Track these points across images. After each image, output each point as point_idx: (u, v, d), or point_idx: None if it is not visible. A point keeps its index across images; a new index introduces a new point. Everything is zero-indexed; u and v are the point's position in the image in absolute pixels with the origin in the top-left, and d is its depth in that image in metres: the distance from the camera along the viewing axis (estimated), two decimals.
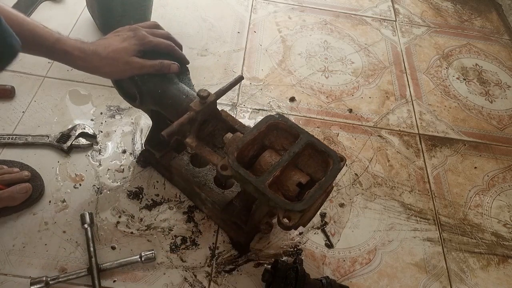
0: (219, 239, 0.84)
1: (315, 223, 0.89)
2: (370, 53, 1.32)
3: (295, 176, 0.62)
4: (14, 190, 0.79)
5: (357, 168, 1.01)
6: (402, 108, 1.18)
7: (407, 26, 1.44)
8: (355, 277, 0.83)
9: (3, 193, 0.78)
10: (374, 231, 0.90)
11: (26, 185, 0.81)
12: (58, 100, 1.03)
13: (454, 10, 1.56)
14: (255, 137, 0.65)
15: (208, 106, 0.67)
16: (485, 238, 0.93)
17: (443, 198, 0.98)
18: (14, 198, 0.79)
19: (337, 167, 0.62)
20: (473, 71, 1.32)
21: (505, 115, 1.21)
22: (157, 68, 0.72)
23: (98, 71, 0.71)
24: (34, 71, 1.08)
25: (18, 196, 0.80)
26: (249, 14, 1.37)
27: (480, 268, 0.88)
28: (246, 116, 1.07)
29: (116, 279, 0.76)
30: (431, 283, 0.84)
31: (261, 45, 1.28)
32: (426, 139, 1.11)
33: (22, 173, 0.83)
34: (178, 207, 0.87)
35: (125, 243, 0.81)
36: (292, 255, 0.84)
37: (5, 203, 0.79)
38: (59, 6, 1.26)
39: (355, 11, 1.47)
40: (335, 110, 1.14)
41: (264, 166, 0.63)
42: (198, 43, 1.24)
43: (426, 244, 0.90)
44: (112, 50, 0.69)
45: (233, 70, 1.18)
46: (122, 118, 1.01)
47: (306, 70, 1.23)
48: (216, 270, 0.80)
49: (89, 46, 0.69)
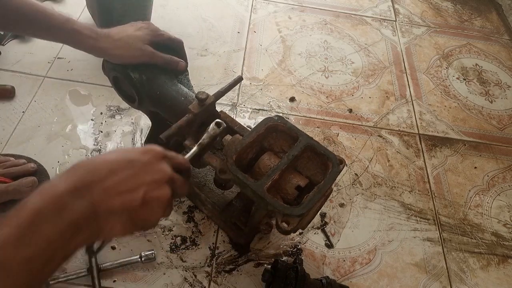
0: (219, 239, 0.84)
1: (315, 223, 0.89)
2: (370, 53, 1.32)
3: (294, 179, 0.62)
4: (20, 183, 0.79)
5: (357, 168, 1.01)
6: (402, 108, 1.17)
7: (407, 26, 1.44)
8: (355, 277, 0.83)
9: (10, 186, 0.78)
10: (374, 231, 0.90)
11: (32, 179, 0.81)
12: (58, 100, 1.03)
13: (454, 10, 1.56)
14: (254, 139, 0.65)
15: (206, 108, 0.67)
16: (485, 238, 0.93)
17: (443, 198, 0.98)
18: (20, 191, 0.79)
19: (336, 170, 0.62)
20: (473, 71, 1.32)
21: (505, 115, 1.21)
22: (167, 61, 0.73)
23: (108, 53, 0.70)
24: (34, 71, 1.08)
25: (24, 190, 0.79)
26: (249, 14, 1.37)
27: (480, 268, 0.88)
28: (246, 116, 1.07)
29: (116, 279, 0.76)
30: (431, 283, 0.84)
31: (261, 45, 1.28)
32: (426, 139, 1.11)
33: (28, 165, 0.83)
34: (178, 207, 0.87)
35: (125, 243, 0.81)
36: (292, 255, 0.84)
37: (11, 196, 0.79)
38: (59, 6, 1.26)
39: (355, 11, 1.47)
40: (335, 110, 1.14)
41: (263, 169, 0.63)
42: (198, 43, 1.24)
43: (426, 244, 0.90)
44: (126, 35, 0.70)
45: (233, 70, 1.18)
46: (122, 118, 1.01)
47: (306, 70, 1.23)
48: (216, 270, 0.80)
49: (101, 29, 0.70)
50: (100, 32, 0.69)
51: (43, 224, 0.33)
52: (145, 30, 0.72)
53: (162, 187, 0.42)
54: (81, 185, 0.37)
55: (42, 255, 0.33)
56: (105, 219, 0.38)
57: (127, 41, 0.69)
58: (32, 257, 0.32)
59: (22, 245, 0.32)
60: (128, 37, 0.70)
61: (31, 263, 0.32)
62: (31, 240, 0.32)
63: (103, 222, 0.38)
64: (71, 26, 0.67)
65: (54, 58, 1.12)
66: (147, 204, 0.40)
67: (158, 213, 0.42)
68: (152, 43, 0.72)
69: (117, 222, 0.39)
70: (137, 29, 0.72)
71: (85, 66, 1.11)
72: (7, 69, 1.07)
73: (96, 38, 0.68)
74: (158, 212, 0.42)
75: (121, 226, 0.39)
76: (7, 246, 0.32)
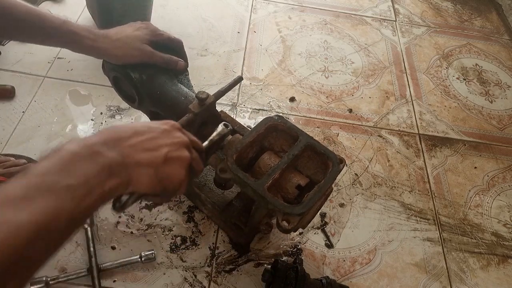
0: (219, 239, 0.84)
1: (315, 223, 0.89)
2: (370, 53, 1.32)
3: (295, 178, 0.62)
4: None
5: (357, 168, 1.01)
6: (402, 108, 1.18)
7: (407, 26, 1.44)
8: (355, 277, 0.83)
9: None
10: (374, 231, 0.90)
11: None
12: (58, 100, 1.03)
13: (454, 10, 1.56)
14: (254, 139, 0.65)
15: (207, 107, 0.67)
16: (485, 238, 0.93)
17: (443, 198, 0.98)
18: None
19: (337, 169, 0.62)
20: (473, 71, 1.32)
21: (505, 115, 1.21)
22: (166, 60, 0.73)
23: (107, 53, 0.70)
24: (34, 71, 1.08)
25: None
26: (249, 14, 1.37)
27: (480, 268, 0.88)
28: (246, 116, 1.08)
29: (116, 279, 0.76)
30: (431, 283, 0.84)
31: (261, 45, 1.28)
32: (426, 139, 1.11)
33: (29, 165, 0.83)
34: (178, 207, 0.87)
35: (125, 243, 0.81)
36: (292, 255, 0.84)
37: None
38: (59, 6, 1.25)
39: (355, 11, 1.47)
40: (335, 110, 1.14)
41: (264, 168, 0.63)
42: (198, 43, 1.24)
43: (426, 244, 0.90)
44: (125, 36, 0.70)
45: (233, 70, 1.18)
46: (122, 118, 1.01)
47: (306, 70, 1.23)
48: (216, 270, 0.80)
49: (99, 30, 0.70)
50: (97, 32, 0.69)
51: (81, 162, 0.37)
52: (144, 30, 0.72)
53: (182, 150, 0.47)
54: (110, 140, 0.41)
55: (82, 187, 0.36)
56: (133, 170, 0.41)
57: (125, 41, 0.69)
58: (74, 186, 0.35)
59: (64, 175, 0.35)
60: (126, 37, 0.70)
61: (73, 191, 0.35)
62: (71, 172, 0.36)
63: (131, 173, 0.41)
64: (68, 27, 0.67)
65: (54, 58, 1.12)
66: (169, 161, 0.45)
67: (181, 173, 0.47)
68: (151, 42, 0.72)
69: (144, 174, 0.42)
70: (136, 29, 0.72)
71: (85, 66, 1.11)
72: (7, 69, 1.07)
73: (94, 39, 0.68)
74: (180, 172, 0.47)
75: (147, 179, 0.43)
76: (51, 173, 0.35)
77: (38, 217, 0.32)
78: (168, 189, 0.46)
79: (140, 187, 0.43)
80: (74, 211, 0.35)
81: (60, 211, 0.34)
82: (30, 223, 0.31)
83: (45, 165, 0.36)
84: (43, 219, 0.32)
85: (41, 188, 0.34)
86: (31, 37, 0.67)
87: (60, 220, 0.34)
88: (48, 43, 0.69)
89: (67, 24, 0.67)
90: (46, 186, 0.34)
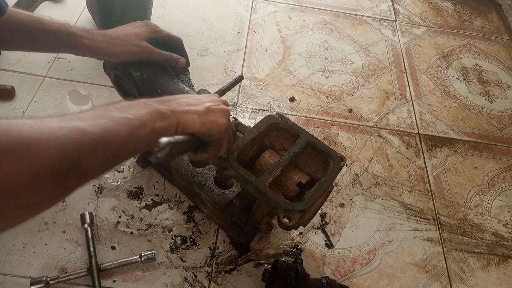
0: (219, 239, 0.84)
1: (315, 223, 0.89)
2: (370, 53, 1.32)
3: (295, 176, 0.63)
4: None
5: (357, 168, 1.01)
6: (402, 108, 1.18)
7: (407, 26, 1.44)
8: (355, 277, 0.83)
9: None
10: (374, 231, 0.90)
11: None
12: (58, 100, 1.03)
13: (454, 10, 1.56)
14: (255, 137, 0.65)
15: None
16: (485, 238, 0.93)
17: (443, 198, 0.98)
18: None
19: (337, 167, 0.62)
20: (473, 71, 1.32)
21: (505, 115, 1.21)
22: (166, 58, 0.72)
23: (106, 52, 0.70)
24: (34, 71, 1.08)
25: None
26: (249, 14, 1.37)
27: (480, 268, 0.88)
28: (246, 116, 1.07)
29: (116, 279, 0.76)
30: (431, 283, 0.84)
31: (261, 45, 1.28)
32: (426, 139, 1.11)
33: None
34: (178, 207, 0.87)
35: (125, 243, 0.81)
36: (292, 255, 0.84)
37: None
38: (59, 6, 1.25)
39: (355, 11, 1.47)
40: (335, 110, 1.14)
41: (264, 166, 0.63)
42: (198, 43, 1.24)
43: (426, 244, 0.90)
44: (123, 33, 0.70)
45: (233, 70, 1.18)
46: None
47: (306, 70, 1.23)
48: (216, 270, 0.80)
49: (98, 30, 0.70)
50: (96, 32, 0.69)
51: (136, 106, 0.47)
52: (143, 27, 0.72)
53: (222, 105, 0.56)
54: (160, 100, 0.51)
55: (136, 120, 0.45)
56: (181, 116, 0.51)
57: (124, 38, 0.69)
58: (130, 118, 0.44)
59: (123, 111, 0.44)
60: (125, 34, 0.70)
61: (128, 120, 0.44)
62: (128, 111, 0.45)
63: (179, 118, 0.51)
64: (67, 29, 0.67)
65: (54, 58, 1.12)
66: (212, 111, 0.54)
67: (223, 120, 0.55)
68: (151, 40, 0.71)
69: (191, 118, 0.52)
70: (135, 27, 0.72)
71: (85, 66, 1.11)
72: (7, 69, 1.06)
73: (92, 39, 0.68)
74: (222, 119, 0.55)
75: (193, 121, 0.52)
76: (112, 109, 0.44)
77: (100, 131, 0.40)
78: (214, 132, 0.53)
79: (189, 128, 0.51)
80: (128, 137, 0.43)
81: (117, 134, 0.42)
82: (93, 133, 0.39)
83: (107, 107, 0.45)
84: (103, 134, 0.40)
85: (104, 116, 0.42)
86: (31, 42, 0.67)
87: (116, 142, 0.42)
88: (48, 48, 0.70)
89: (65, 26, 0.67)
90: (108, 115, 0.42)
